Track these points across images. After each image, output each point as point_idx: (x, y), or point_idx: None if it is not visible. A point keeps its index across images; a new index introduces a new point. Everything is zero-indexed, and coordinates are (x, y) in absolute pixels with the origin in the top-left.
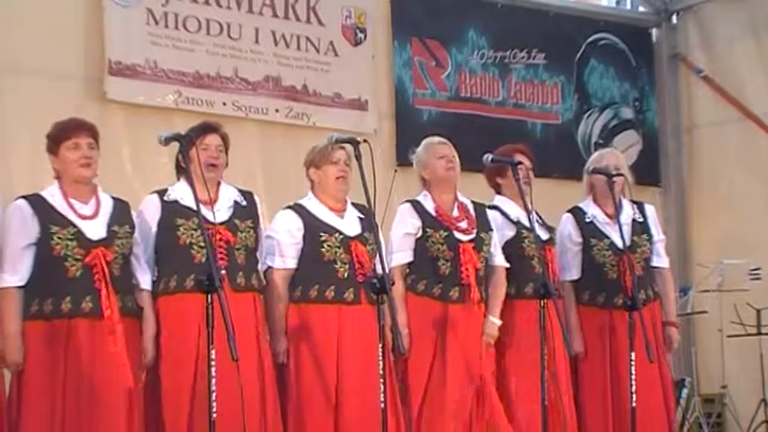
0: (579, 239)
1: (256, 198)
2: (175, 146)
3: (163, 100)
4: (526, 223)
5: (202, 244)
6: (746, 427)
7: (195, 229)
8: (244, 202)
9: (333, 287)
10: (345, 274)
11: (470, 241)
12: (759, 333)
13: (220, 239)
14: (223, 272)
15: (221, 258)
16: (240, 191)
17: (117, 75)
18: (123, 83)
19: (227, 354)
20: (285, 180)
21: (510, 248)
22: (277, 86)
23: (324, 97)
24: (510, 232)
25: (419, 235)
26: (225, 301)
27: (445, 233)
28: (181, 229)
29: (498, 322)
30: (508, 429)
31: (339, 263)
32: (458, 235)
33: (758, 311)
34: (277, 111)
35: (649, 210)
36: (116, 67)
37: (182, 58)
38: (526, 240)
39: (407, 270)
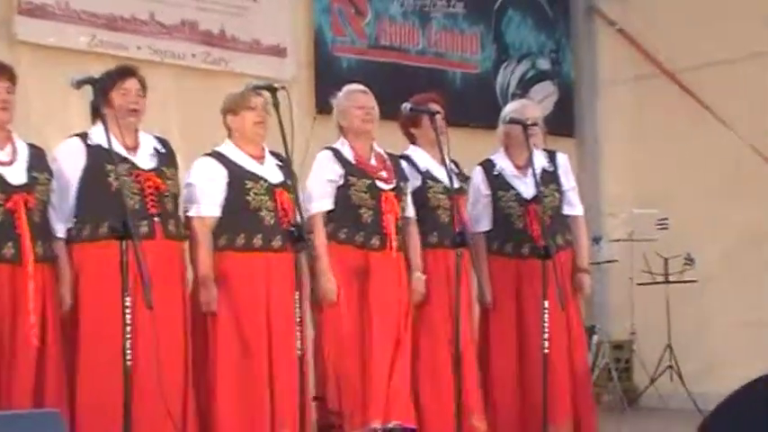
0: (488, 191)
1: (171, 145)
2: (87, 90)
3: (75, 42)
4: (435, 173)
5: (135, 191)
6: (652, 371)
7: (126, 175)
8: (163, 150)
9: (260, 235)
10: (272, 222)
11: (392, 190)
12: (666, 281)
13: (150, 186)
14: (156, 219)
15: (153, 206)
16: (157, 138)
17: (26, 15)
18: (33, 23)
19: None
20: (201, 126)
21: (415, 198)
22: (194, 31)
23: (242, 43)
24: (416, 182)
25: (341, 183)
26: (140, 249)
27: (368, 181)
28: (111, 175)
29: (423, 277)
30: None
31: (265, 210)
32: (379, 184)
33: (666, 260)
34: (194, 56)
35: (561, 158)
36: (26, 7)
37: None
38: (431, 191)
39: (328, 218)
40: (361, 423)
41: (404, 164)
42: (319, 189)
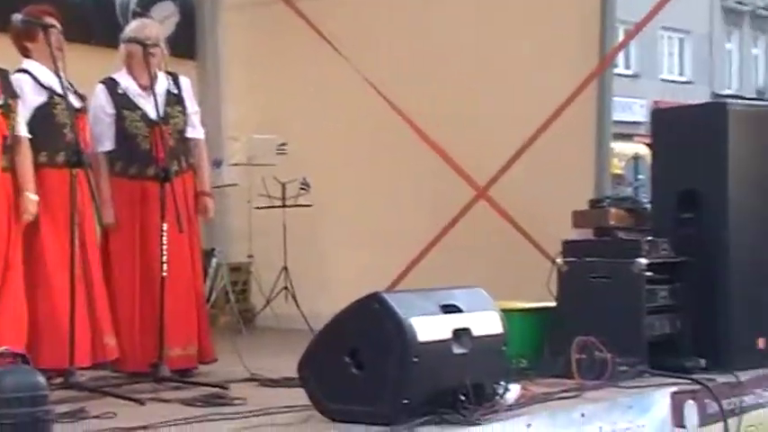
0: (112, 111)
1: None
2: None
3: None
4: (58, 89)
5: None
6: (268, 292)
7: None
8: None
9: None
10: None
11: None
12: (284, 206)
13: None
14: None
15: None
16: None
17: None
18: None
19: None
20: None
21: (40, 115)
22: None
23: None
24: (41, 98)
25: None
26: None
27: None
28: None
29: (35, 198)
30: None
31: None
32: None
33: (283, 185)
34: None
35: (184, 82)
36: None
37: None
38: (57, 107)
39: None
40: None
41: (26, 78)
42: None
